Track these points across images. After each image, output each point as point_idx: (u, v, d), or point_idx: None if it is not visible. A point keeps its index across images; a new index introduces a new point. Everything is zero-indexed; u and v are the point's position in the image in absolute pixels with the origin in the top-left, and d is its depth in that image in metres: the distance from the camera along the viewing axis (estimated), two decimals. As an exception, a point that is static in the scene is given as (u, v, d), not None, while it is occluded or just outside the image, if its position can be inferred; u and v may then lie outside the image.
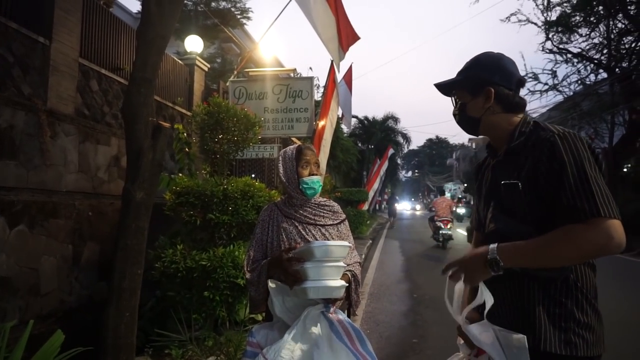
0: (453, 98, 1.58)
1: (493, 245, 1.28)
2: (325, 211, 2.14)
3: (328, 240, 2.07)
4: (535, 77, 17.90)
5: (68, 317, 4.60)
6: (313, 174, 2.06)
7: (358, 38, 7.59)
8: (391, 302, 6.10)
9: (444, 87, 1.58)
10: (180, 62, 7.88)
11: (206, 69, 8.56)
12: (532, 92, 18.12)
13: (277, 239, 2.07)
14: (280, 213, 2.12)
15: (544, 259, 1.23)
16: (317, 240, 2.03)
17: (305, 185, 2.04)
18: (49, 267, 4.37)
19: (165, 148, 2.92)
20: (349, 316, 2.11)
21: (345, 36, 7.39)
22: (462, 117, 1.53)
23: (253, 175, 8.53)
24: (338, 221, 2.16)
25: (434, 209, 13.15)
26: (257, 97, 8.06)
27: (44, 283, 4.30)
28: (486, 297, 1.31)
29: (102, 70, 5.51)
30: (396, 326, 4.96)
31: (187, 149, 4.88)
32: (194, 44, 8.28)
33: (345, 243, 1.88)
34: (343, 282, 1.86)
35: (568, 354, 1.23)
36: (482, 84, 1.44)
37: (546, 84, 17.92)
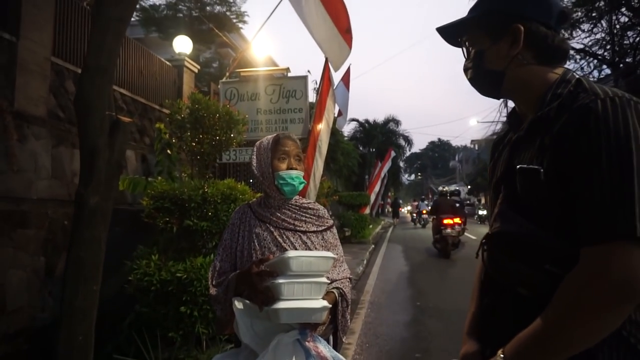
0: (464, 47, 1.14)
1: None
2: (308, 215, 1.77)
3: (310, 250, 1.71)
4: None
5: (41, 335, 4.23)
6: (292, 168, 1.69)
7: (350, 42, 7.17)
8: (393, 311, 5.71)
9: (451, 31, 1.15)
10: (168, 63, 7.56)
11: (196, 70, 8.24)
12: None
13: (248, 248, 1.71)
14: (254, 216, 1.75)
15: (566, 347, 0.84)
16: (296, 249, 1.68)
17: (281, 181, 1.68)
18: (17, 282, 4.01)
19: (125, 146, 2.57)
20: (334, 345, 1.74)
21: (347, 31, 7.04)
22: (478, 71, 1.09)
23: (251, 181, 8.17)
24: (323, 228, 1.79)
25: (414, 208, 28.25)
26: (249, 98, 7.74)
27: (11, 299, 3.93)
28: None
29: (78, 70, 5.17)
30: (398, 339, 4.57)
31: (168, 151, 4.53)
32: (182, 44, 7.96)
33: (329, 254, 1.51)
34: (325, 303, 1.49)
35: None
36: (506, 20, 1.01)
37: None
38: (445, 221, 10.39)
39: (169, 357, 3.42)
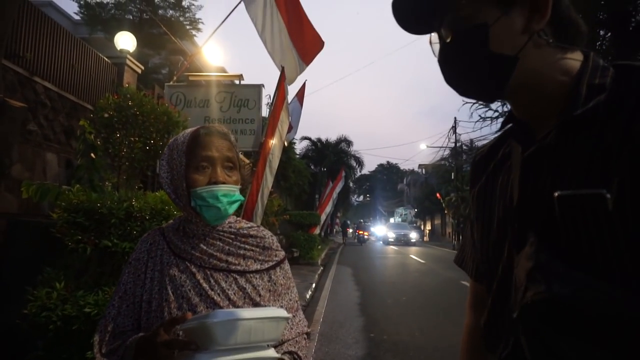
0: (443, 27, 0.72)
1: None
2: (248, 246, 1.20)
3: (254, 300, 1.15)
4: (487, 105, 18.09)
5: None
6: (216, 181, 1.11)
7: (322, 44, 6.88)
8: (345, 344, 5.18)
9: (424, 4, 0.72)
10: (106, 59, 6.79)
11: (139, 70, 7.51)
12: (484, 119, 18.30)
13: (158, 298, 1.11)
14: (168, 248, 1.17)
15: None
16: (230, 301, 1.12)
17: (200, 202, 1.10)
18: None
19: (15, 136, 1.93)
20: None
21: (305, 46, 6.71)
22: (476, 57, 0.70)
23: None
24: (271, 264, 1.23)
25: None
26: (197, 105, 7.15)
27: None
28: None
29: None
30: (352, 380, 4.05)
31: (92, 154, 3.82)
32: (125, 41, 7.23)
33: (280, 312, 0.96)
34: None
35: None
36: None
37: (496, 110, 18.14)
38: (359, 232, 31.50)
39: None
